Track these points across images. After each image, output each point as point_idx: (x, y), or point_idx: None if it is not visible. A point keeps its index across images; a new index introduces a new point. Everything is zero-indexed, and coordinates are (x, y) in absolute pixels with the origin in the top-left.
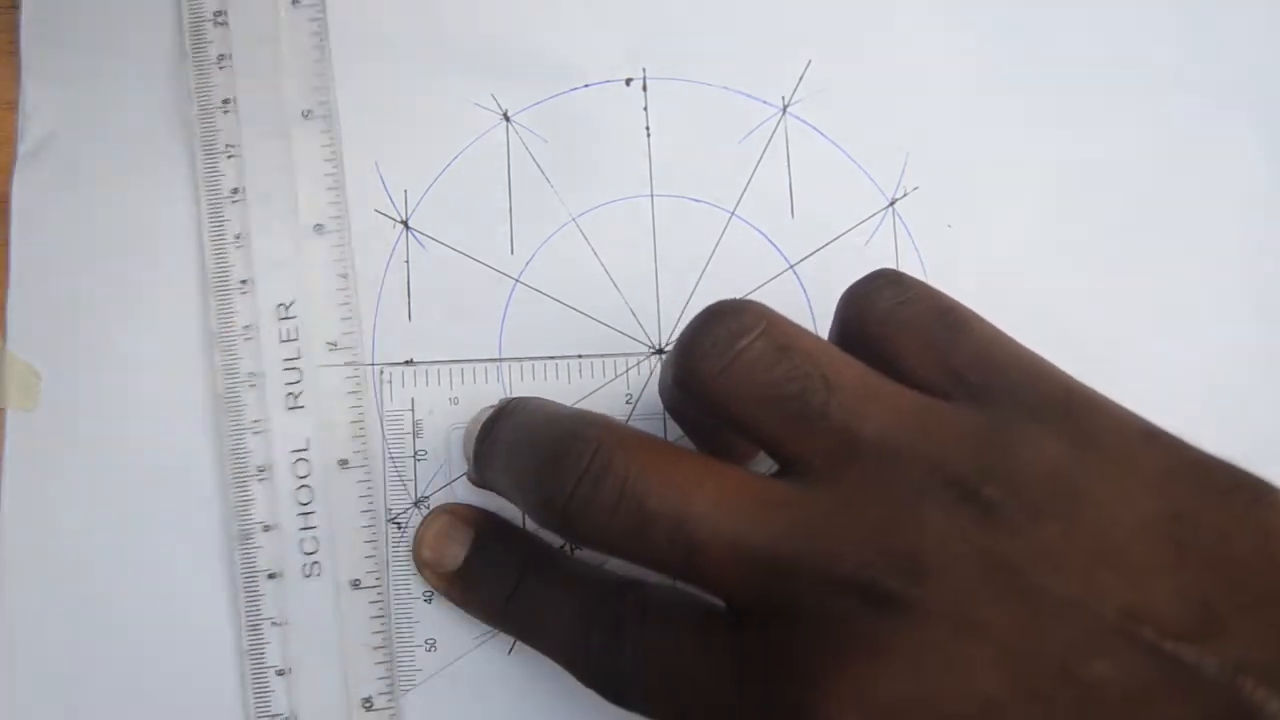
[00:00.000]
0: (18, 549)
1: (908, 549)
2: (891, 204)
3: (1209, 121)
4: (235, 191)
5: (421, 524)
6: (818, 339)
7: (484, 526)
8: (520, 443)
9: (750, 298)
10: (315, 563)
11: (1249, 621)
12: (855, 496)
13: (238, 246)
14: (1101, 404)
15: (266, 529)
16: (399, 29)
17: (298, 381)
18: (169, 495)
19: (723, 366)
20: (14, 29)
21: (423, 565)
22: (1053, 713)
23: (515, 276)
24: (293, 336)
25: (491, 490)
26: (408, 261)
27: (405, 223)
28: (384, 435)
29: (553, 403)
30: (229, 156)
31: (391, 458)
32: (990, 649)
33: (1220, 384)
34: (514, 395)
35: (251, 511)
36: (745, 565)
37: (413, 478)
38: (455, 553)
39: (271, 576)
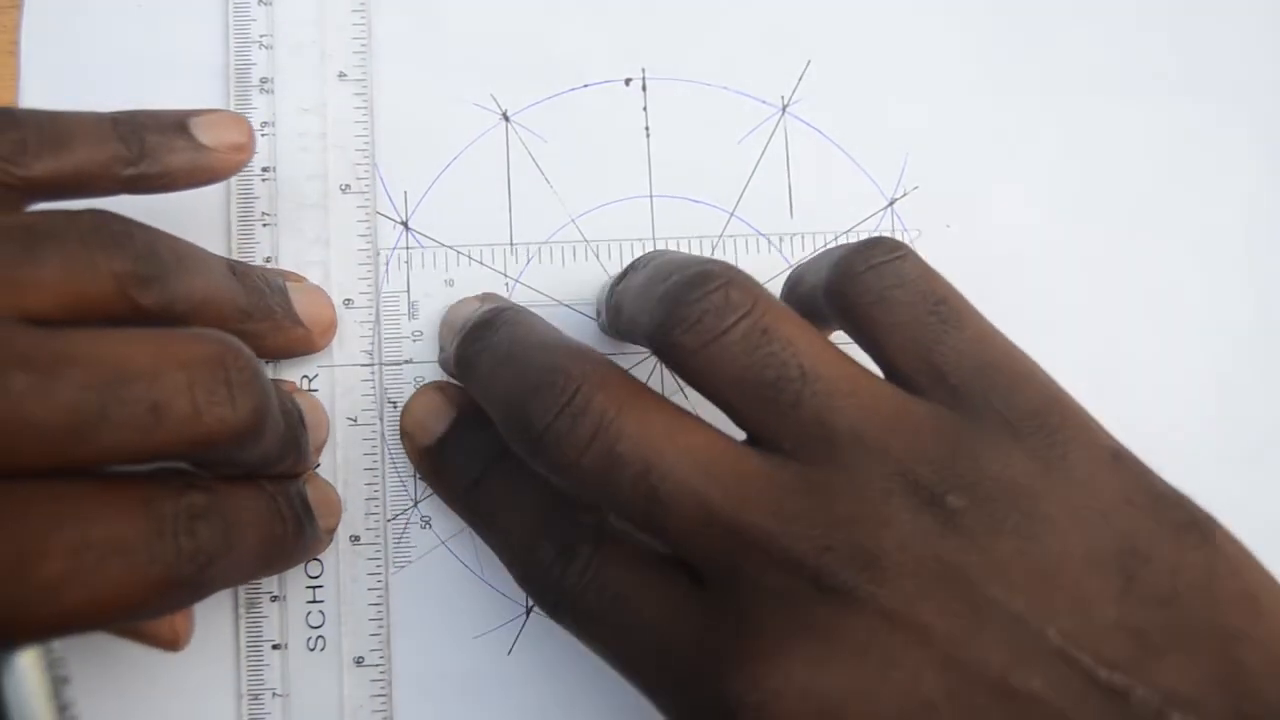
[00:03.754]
0: None
1: (867, 544)
2: (891, 204)
3: (1208, 122)
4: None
5: (412, 395)
6: (802, 325)
7: (467, 411)
8: (506, 361)
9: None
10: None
11: (1184, 657)
12: (824, 485)
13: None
14: (1077, 419)
15: None
16: (398, 29)
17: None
18: None
19: (702, 344)
20: (14, 29)
21: (403, 434)
22: None
23: (515, 277)
24: None
25: (467, 391)
26: (408, 262)
27: (405, 223)
28: (384, 435)
29: (546, 326)
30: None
31: (391, 458)
32: (933, 654)
33: (1220, 383)
34: (508, 304)
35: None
36: (705, 525)
37: (412, 477)
38: (434, 428)
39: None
